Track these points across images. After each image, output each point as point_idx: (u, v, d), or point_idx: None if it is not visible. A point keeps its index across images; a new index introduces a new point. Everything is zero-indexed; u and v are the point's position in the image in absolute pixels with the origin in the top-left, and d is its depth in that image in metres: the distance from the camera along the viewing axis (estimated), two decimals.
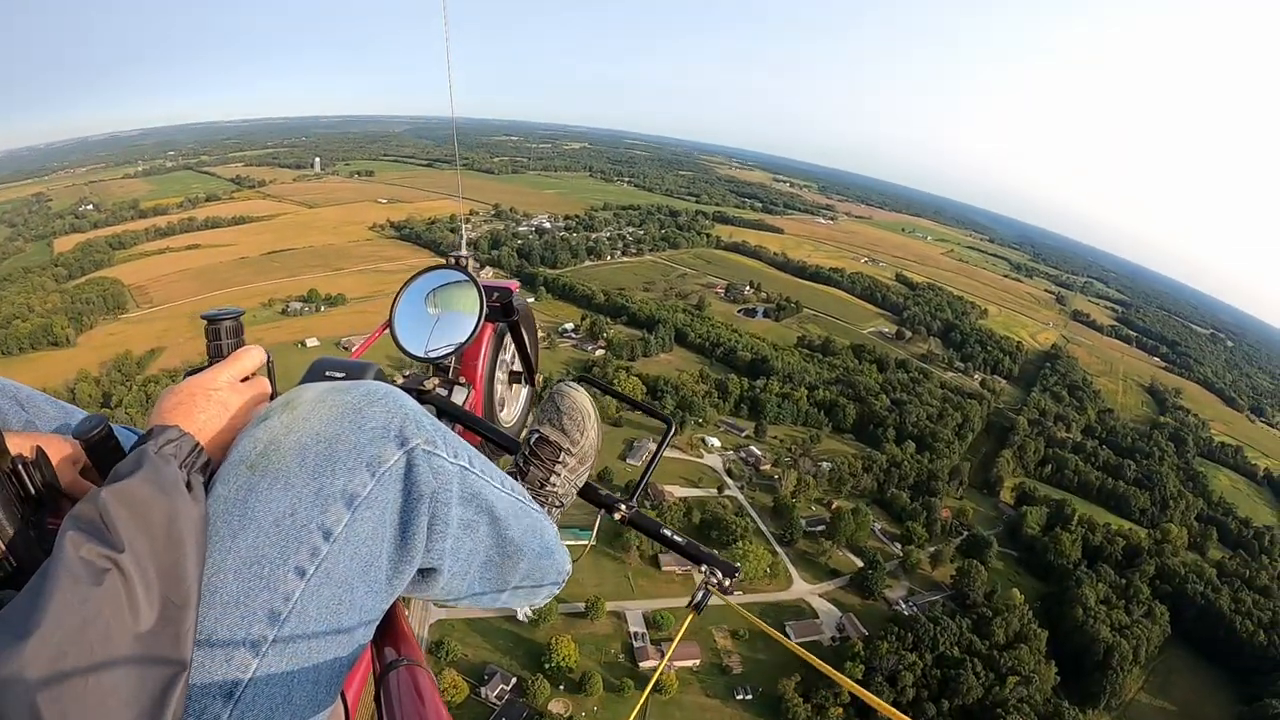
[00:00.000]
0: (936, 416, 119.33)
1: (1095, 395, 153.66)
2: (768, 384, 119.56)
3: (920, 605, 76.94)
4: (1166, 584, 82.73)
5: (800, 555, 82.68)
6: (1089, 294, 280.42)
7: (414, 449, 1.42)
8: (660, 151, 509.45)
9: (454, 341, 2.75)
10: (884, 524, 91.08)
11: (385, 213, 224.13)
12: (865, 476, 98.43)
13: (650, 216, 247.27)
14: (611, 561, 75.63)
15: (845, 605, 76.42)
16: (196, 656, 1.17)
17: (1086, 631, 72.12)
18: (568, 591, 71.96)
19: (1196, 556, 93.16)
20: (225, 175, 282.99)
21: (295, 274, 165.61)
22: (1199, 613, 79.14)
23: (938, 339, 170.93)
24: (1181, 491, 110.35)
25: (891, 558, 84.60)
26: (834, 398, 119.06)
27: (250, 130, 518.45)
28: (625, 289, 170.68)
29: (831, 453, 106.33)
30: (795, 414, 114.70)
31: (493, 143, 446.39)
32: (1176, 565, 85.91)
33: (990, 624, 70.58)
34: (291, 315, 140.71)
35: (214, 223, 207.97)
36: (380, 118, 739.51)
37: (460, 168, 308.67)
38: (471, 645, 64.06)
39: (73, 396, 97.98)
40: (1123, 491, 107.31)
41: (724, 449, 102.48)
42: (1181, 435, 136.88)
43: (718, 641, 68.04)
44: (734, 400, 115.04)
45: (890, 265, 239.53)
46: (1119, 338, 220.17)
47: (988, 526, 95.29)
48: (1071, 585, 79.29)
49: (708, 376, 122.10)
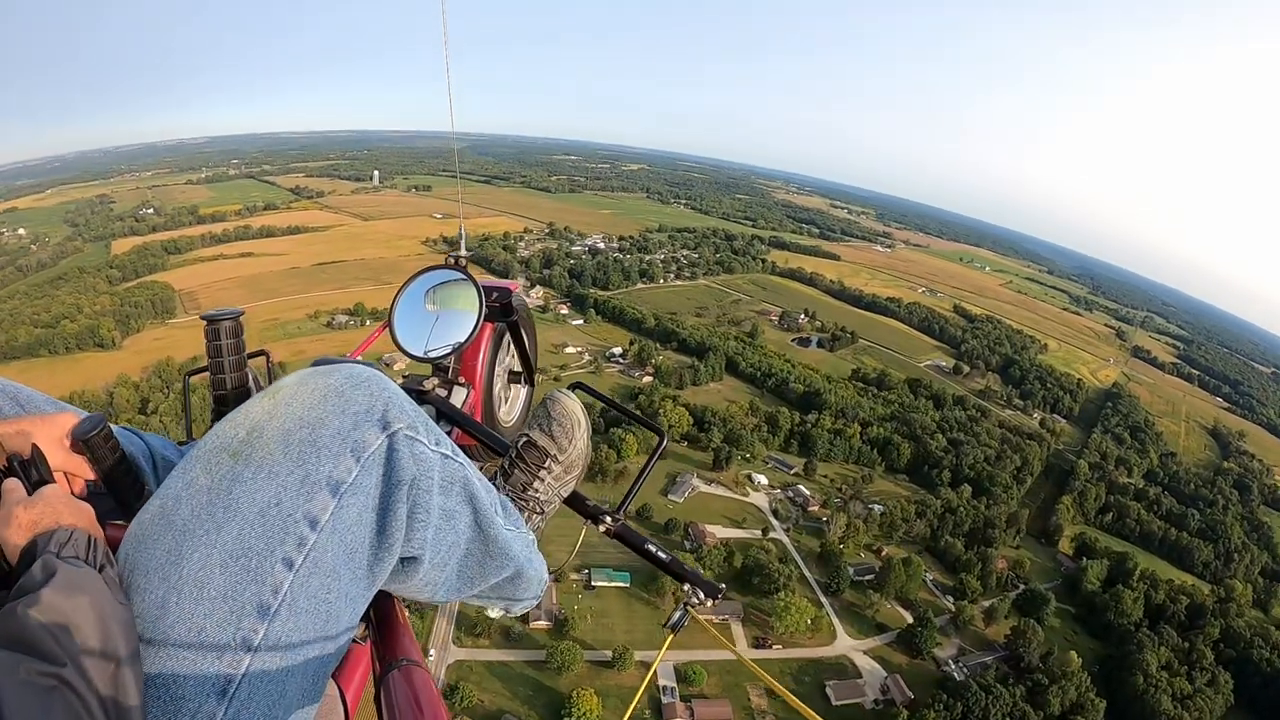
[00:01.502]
0: (994, 458, 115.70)
1: (1158, 437, 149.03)
2: (820, 419, 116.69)
3: (972, 667, 73.44)
4: (1231, 648, 78.79)
5: (846, 607, 79.15)
6: (1149, 329, 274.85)
7: (396, 433, 1.39)
8: (718, 175, 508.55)
9: (453, 341, 2.81)
10: (936, 574, 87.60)
11: (439, 228, 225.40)
12: (918, 522, 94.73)
13: (705, 240, 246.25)
14: (644, 607, 73.12)
15: (891, 664, 72.66)
16: (189, 654, 1.17)
17: (1147, 702, 68.34)
18: (595, 636, 70.35)
19: (1260, 614, 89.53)
20: (285, 185, 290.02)
21: (344, 286, 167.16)
22: (1264, 681, 75.05)
23: (996, 375, 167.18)
24: (1246, 544, 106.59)
25: (943, 612, 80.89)
26: (888, 435, 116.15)
27: (314, 142, 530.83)
28: (677, 314, 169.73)
29: (883, 494, 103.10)
30: (847, 451, 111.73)
31: (552, 161, 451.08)
32: (1242, 627, 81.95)
33: (1046, 692, 66.91)
34: (337, 329, 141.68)
35: (269, 232, 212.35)
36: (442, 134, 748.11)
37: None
38: (490, 691, 61.78)
39: (110, 400, 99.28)
40: (1186, 544, 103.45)
41: (771, 487, 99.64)
42: (1246, 482, 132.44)
43: (753, 700, 65.00)
44: (784, 435, 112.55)
45: (948, 296, 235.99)
46: (1180, 376, 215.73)
47: (1045, 579, 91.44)
48: (1132, 649, 75.63)
49: (758, 409, 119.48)
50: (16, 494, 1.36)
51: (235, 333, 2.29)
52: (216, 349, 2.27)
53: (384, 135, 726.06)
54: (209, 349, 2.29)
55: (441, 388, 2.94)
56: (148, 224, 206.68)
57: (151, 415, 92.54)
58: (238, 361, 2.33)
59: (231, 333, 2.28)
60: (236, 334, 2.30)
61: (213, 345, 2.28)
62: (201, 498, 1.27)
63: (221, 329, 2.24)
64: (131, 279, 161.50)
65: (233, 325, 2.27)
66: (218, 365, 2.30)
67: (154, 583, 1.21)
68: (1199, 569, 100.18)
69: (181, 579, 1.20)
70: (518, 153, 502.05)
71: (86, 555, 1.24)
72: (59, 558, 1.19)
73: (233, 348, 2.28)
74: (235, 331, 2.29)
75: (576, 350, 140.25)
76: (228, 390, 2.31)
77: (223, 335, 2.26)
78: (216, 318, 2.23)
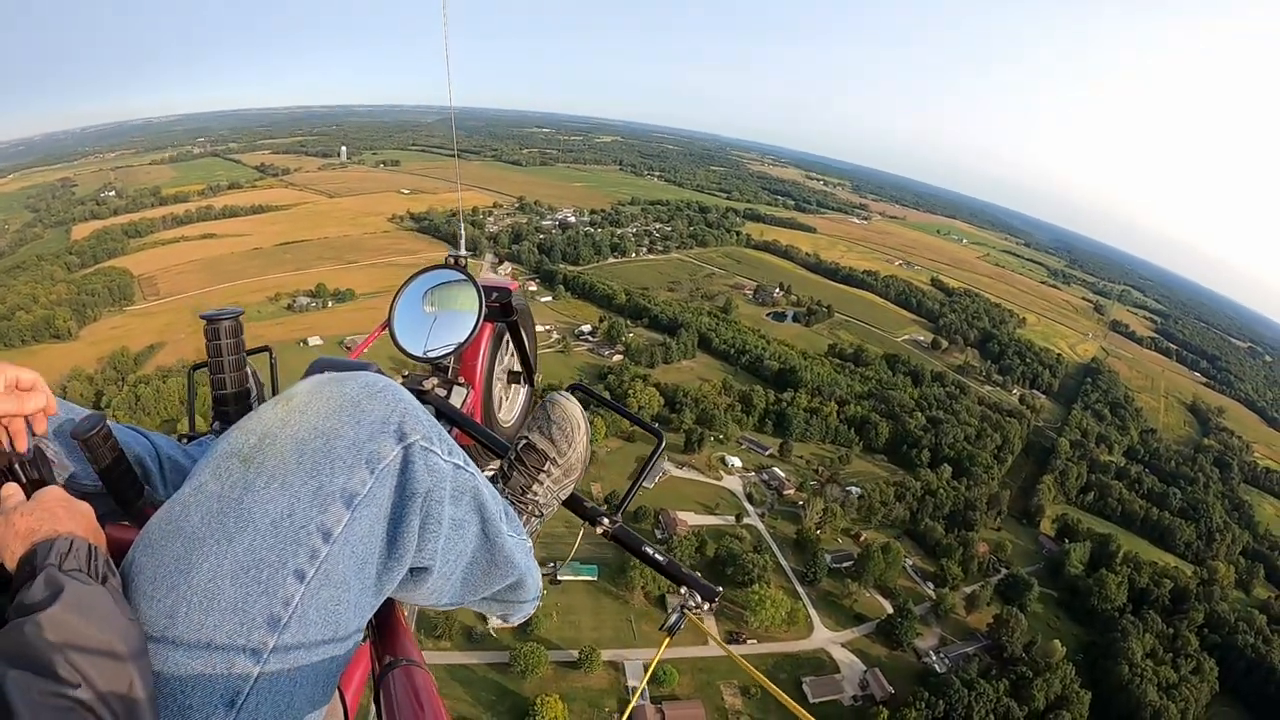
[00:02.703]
0: (975, 437, 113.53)
1: (1138, 413, 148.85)
2: (795, 397, 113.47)
3: (954, 658, 70.76)
4: (1215, 633, 78.03)
5: (823, 597, 76.09)
6: (1127, 303, 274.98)
7: (412, 445, 1.38)
8: (692, 146, 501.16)
9: (453, 342, 2.84)
10: (916, 560, 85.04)
11: (406, 204, 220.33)
12: (898, 505, 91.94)
13: (679, 213, 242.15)
14: (613, 601, 69.63)
15: (871, 657, 69.67)
16: (198, 664, 1.16)
17: (1132, 693, 66.32)
18: (561, 635, 66.22)
19: (1242, 595, 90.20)
20: (251, 163, 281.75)
21: (306, 267, 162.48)
22: (1249, 666, 74.36)
23: (975, 349, 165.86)
24: (1228, 523, 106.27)
25: (923, 600, 78.42)
26: (866, 414, 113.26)
27: (283, 118, 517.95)
28: (649, 289, 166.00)
29: (861, 475, 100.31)
30: (824, 431, 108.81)
31: (524, 134, 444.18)
32: (1226, 612, 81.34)
33: (1030, 685, 64.52)
34: (298, 311, 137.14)
35: (232, 212, 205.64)
36: (413, 108, 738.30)
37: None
38: (450, 696, 57.83)
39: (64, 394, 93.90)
40: (1168, 523, 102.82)
41: (745, 470, 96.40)
42: (1226, 459, 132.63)
43: (726, 700, 61.78)
44: (758, 414, 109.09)
45: (925, 269, 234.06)
46: (1159, 350, 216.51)
47: (1028, 562, 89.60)
48: (1116, 636, 74.03)
49: (731, 388, 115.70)
50: (14, 499, 1.35)
51: (235, 332, 2.35)
52: (216, 348, 2.32)
53: (354, 110, 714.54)
54: (209, 348, 2.35)
55: (441, 388, 2.93)
56: (109, 207, 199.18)
57: (105, 409, 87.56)
58: (238, 361, 2.40)
59: (231, 332, 2.33)
60: (236, 333, 2.36)
61: (212, 345, 2.33)
62: (212, 505, 1.26)
63: (221, 328, 2.30)
64: (91, 264, 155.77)
65: (232, 325, 2.33)
66: (218, 365, 2.37)
67: (162, 590, 1.20)
68: (1181, 549, 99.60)
69: (191, 589, 1.19)
70: (489, 125, 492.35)
71: (88, 566, 1.21)
72: (61, 570, 1.17)
73: (232, 347, 2.34)
74: (235, 331, 2.35)
75: (545, 329, 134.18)
76: (228, 389, 2.38)
77: (222, 335, 2.31)
78: (216, 317, 2.29)
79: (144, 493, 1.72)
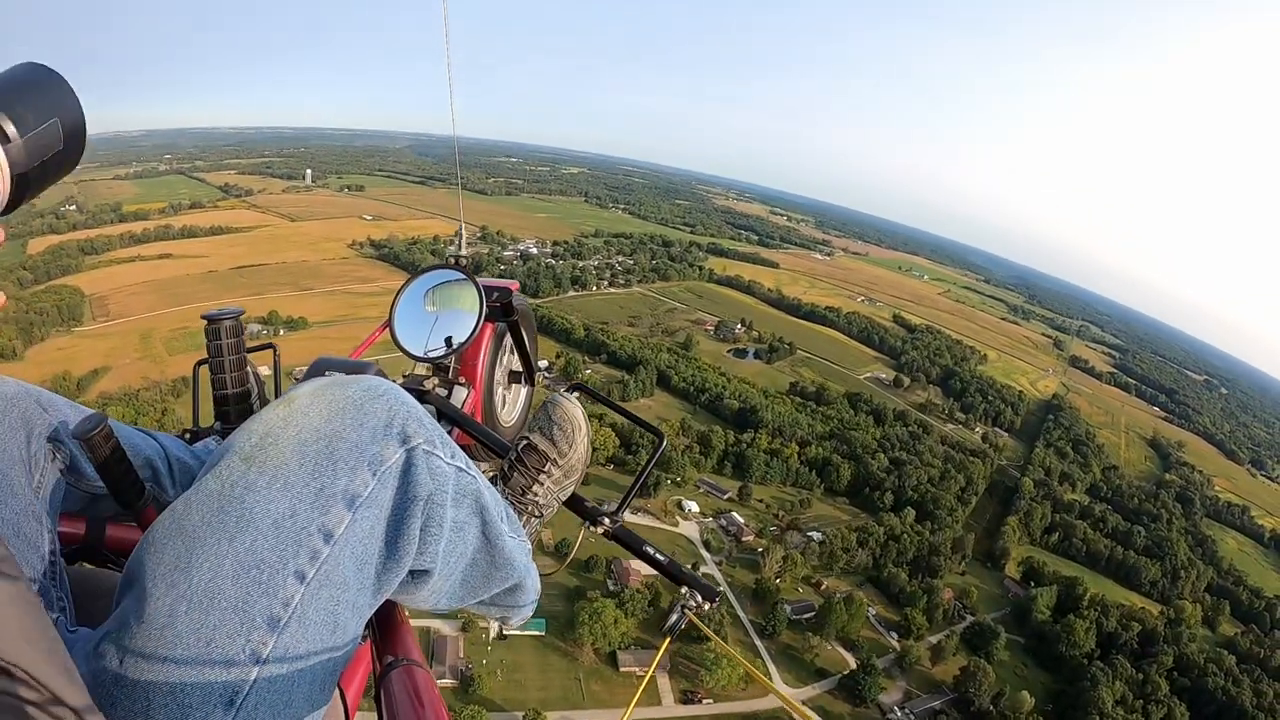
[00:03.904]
0: (938, 479, 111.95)
1: (1099, 450, 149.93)
2: (756, 438, 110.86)
3: (920, 713, 68.79)
4: (1185, 676, 78.30)
5: (783, 650, 72.99)
6: (1085, 338, 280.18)
7: (414, 448, 1.38)
8: (658, 180, 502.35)
9: (454, 341, 2.84)
10: (880, 608, 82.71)
11: (368, 230, 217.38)
12: (860, 551, 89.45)
13: (642, 246, 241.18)
14: (561, 658, 65.92)
15: (833, 714, 66.62)
16: (197, 663, 1.16)
17: None
18: (505, 695, 61.72)
19: (1208, 632, 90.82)
20: (215, 182, 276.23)
21: (261, 292, 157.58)
22: (1219, 709, 74.36)
23: (937, 387, 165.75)
24: (1192, 559, 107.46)
25: (887, 652, 76.05)
26: (827, 455, 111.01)
27: (252, 138, 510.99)
28: (608, 324, 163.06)
29: (823, 519, 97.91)
30: (784, 473, 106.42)
31: (491, 163, 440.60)
32: (1194, 654, 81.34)
33: None
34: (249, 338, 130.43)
35: (190, 232, 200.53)
36: (383, 133, 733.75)
37: (460, 180, 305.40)
38: None
39: None
40: (1133, 563, 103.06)
41: (703, 515, 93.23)
42: (1188, 494, 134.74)
43: None
44: (717, 456, 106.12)
45: (887, 305, 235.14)
46: (1117, 385, 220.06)
47: (993, 607, 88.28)
48: (1086, 685, 72.90)
49: (690, 428, 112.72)
50: None
51: (235, 332, 2.39)
52: (217, 348, 2.35)
53: (323, 132, 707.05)
54: (209, 348, 2.38)
55: (441, 388, 2.94)
56: (68, 221, 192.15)
57: None
58: (238, 360, 2.44)
59: (232, 332, 2.37)
60: (237, 333, 2.40)
61: (213, 345, 2.36)
62: (212, 504, 1.26)
63: (222, 328, 2.33)
64: (44, 280, 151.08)
65: (233, 325, 2.37)
66: (218, 364, 2.40)
67: (161, 589, 1.19)
68: (1146, 588, 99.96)
69: (191, 588, 1.18)
70: None
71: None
72: None
73: (233, 347, 2.37)
74: (235, 331, 2.39)
75: None
76: (228, 389, 2.42)
77: (223, 335, 2.34)
78: (217, 317, 2.33)
79: (145, 493, 1.73)
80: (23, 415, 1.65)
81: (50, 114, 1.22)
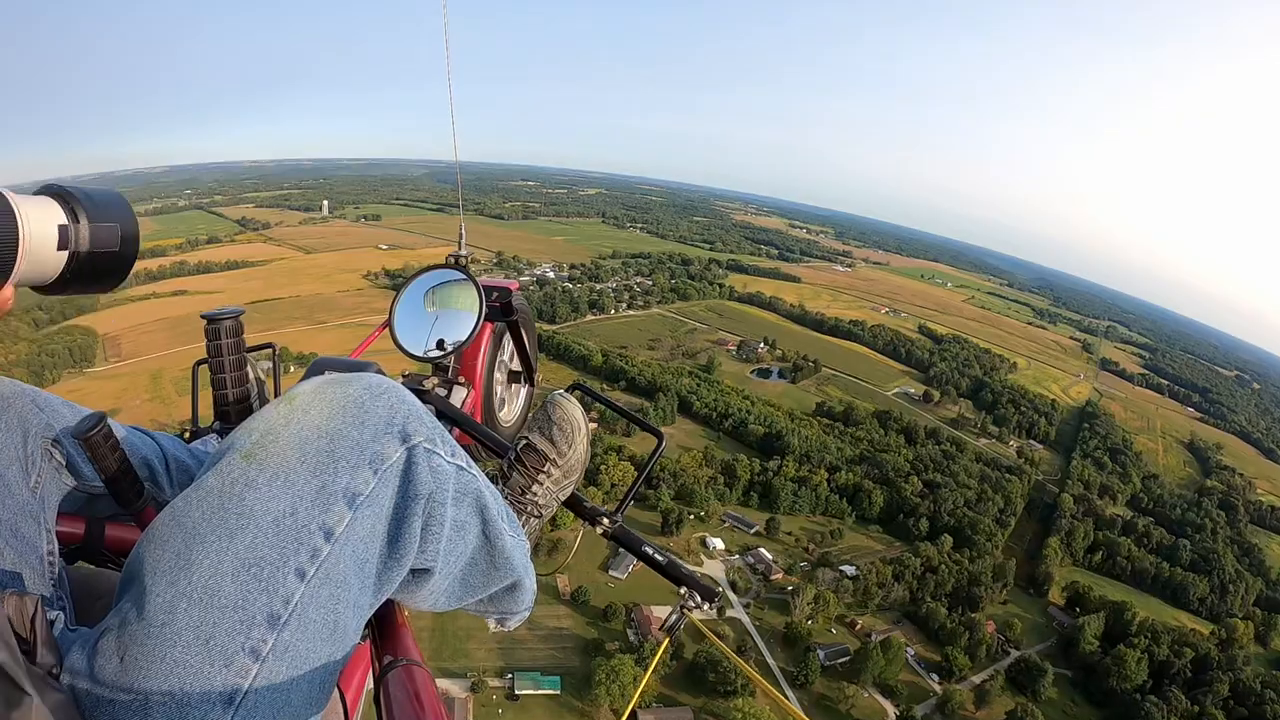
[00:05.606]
0: (975, 501, 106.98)
1: (1138, 458, 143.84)
2: (783, 465, 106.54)
3: None
4: (1242, 705, 73.08)
5: (816, 701, 68.17)
6: (1113, 338, 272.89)
7: (415, 447, 1.38)
8: (675, 197, 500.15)
9: (454, 341, 2.87)
10: (919, 647, 77.84)
11: (383, 259, 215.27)
12: (896, 586, 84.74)
13: (661, 265, 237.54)
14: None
15: None
16: (196, 661, 1.15)
17: None
18: None
19: (1261, 649, 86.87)
20: (233, 216, 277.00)
21: (274, 327, 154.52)
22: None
23: (968, 400, 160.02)
24: (1240, 571, 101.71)
25: (928, 696, 71.09)
26: (858, 480, 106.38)
27: (271, 171, 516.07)
28: (627, 348, 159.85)
29: (856, 550, 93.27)
30: (814, 502, 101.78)
31: (508, 187, 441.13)
32: (1249, 678, 76.32)
33: None
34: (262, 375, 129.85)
35: (206, 267, 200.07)
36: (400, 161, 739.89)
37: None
38: None
39: None
40: (1180, 579, 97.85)
41: (728, 552, 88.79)
42: (1231, 500, 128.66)
43: None
44: (742, 486, 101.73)
45: (912, 316, 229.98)
46: (1150, 387, 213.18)
47: (1038, 638, 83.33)
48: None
49: (713, 457, 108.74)
50: None
51: (235, 332, 2.41)
52: (217, 348, 2.37)
53: (341, 163, 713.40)
54: (209, 348, 2.40)
55: (441, 387, 2.98)
56: None
57: None
58: (238, 360, 2.45)
59: (232, 332, 2.39)
60: (237, 333, 2.42)
61: (213, 345, 2.38)
62: (212, 501, 1.25)
63: (222, 328, 2.35)
64: (59, 321, 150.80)
65: (233, 324, 2.39)
66: (218, 364, 2.42)
67: (161, 586, 1.18)
68: (1195, 606, 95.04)
69: (191, 585, 1.17)
70: (476, 179, 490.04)
71: None
72: None
73: (233, 347, 2.38)
74: (235, 330, 2.41)
75: None
76: (228, 389, 2.43)
77: (223, 334, 2.36)
78: (217, 317, 2.35)
79: (144, 492, 1.74)
80: (19, 415, 1.64)
81: (115, 219, 1.31)
